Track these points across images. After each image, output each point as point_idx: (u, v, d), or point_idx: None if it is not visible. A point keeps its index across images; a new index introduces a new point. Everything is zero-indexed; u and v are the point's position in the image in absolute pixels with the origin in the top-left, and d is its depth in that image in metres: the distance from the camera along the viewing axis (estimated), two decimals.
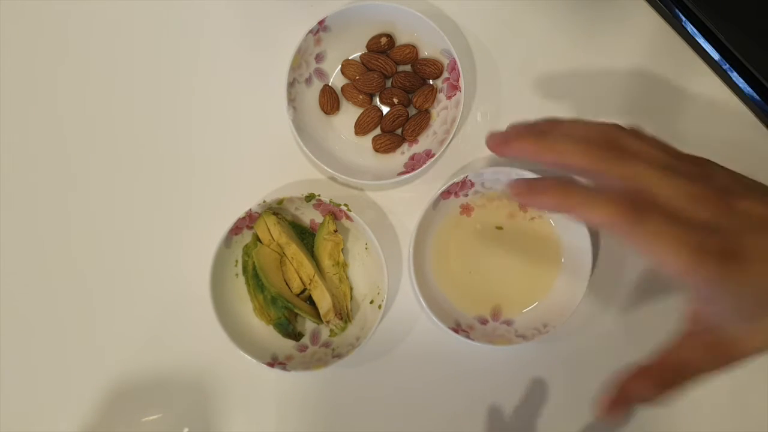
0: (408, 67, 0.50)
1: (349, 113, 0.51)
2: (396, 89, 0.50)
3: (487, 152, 0.51)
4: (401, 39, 0.50)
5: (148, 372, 0.50)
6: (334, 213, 0.48)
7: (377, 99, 0.51)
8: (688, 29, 0.49)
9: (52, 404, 0.50)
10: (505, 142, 0.35)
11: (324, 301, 0.47)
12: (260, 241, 0.48)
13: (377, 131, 0.51)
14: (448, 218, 0.50)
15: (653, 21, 0.51)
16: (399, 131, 0.51)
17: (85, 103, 0.51)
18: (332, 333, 0.49)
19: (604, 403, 0.34)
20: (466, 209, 0.50)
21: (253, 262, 0.47)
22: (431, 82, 0.50)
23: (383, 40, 0.49)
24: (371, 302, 0.48)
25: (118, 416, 0.49)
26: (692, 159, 0.33)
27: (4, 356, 0.50)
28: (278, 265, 0.48)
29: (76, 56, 0.51)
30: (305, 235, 0.50)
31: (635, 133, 0.34)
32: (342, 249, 0.49)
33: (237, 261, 0.49)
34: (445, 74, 0.49)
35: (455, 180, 0.47)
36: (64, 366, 0.50)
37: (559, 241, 0.49)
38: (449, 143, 0.47)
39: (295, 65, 0.48)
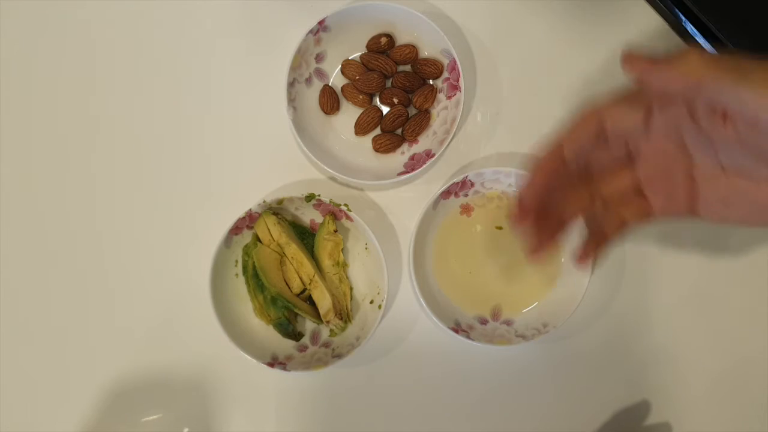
0: (408, 67, 0.50)
1: (349, 113, 0.51)
2: (396, 89, 0.50)
3: (487, 152, 0.51)
4: (401, 39, 0.50)
5: (148, 372, 0.50)
6: (334, 213, 0.48)
7: (377, 99, 0.51)
8: (688, 29, 0.49)
9: (52, 404, 0.50)
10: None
11: (324, 301, 0.47)
12: (260, 241, 0.48)
13: (377, 131, 0.51)
14: (448, 218, 0.50)
15: (653, 21, 0.51)
16: (399, 131, 0.51)
17: (84, 103, 0.51)
18: (332, 333, 0.48)
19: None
20: (466, 209, 0.50)
21: (253, 262, 0.47)
22: (431, 82, 0.50)
23: (383, 40, 0.49)
24: (371, 302, 0.48)
25: (118, 416, 0.49)
26: None
27: (3, 356, 0.50)
28: (278, 265, 0.48)
29: (77, 56, 0.51)
30: (305, 235, 0.50)
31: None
32: (342, 249, 0.49)
33: (237, 261, 0.49)
34: (445, 74, 0.49)
35: (455, 180, 0.47)
36: (64, 366, 0.50)
37: None
38: (449, 143, 0.47)
39: (295, 65, 0.48)
